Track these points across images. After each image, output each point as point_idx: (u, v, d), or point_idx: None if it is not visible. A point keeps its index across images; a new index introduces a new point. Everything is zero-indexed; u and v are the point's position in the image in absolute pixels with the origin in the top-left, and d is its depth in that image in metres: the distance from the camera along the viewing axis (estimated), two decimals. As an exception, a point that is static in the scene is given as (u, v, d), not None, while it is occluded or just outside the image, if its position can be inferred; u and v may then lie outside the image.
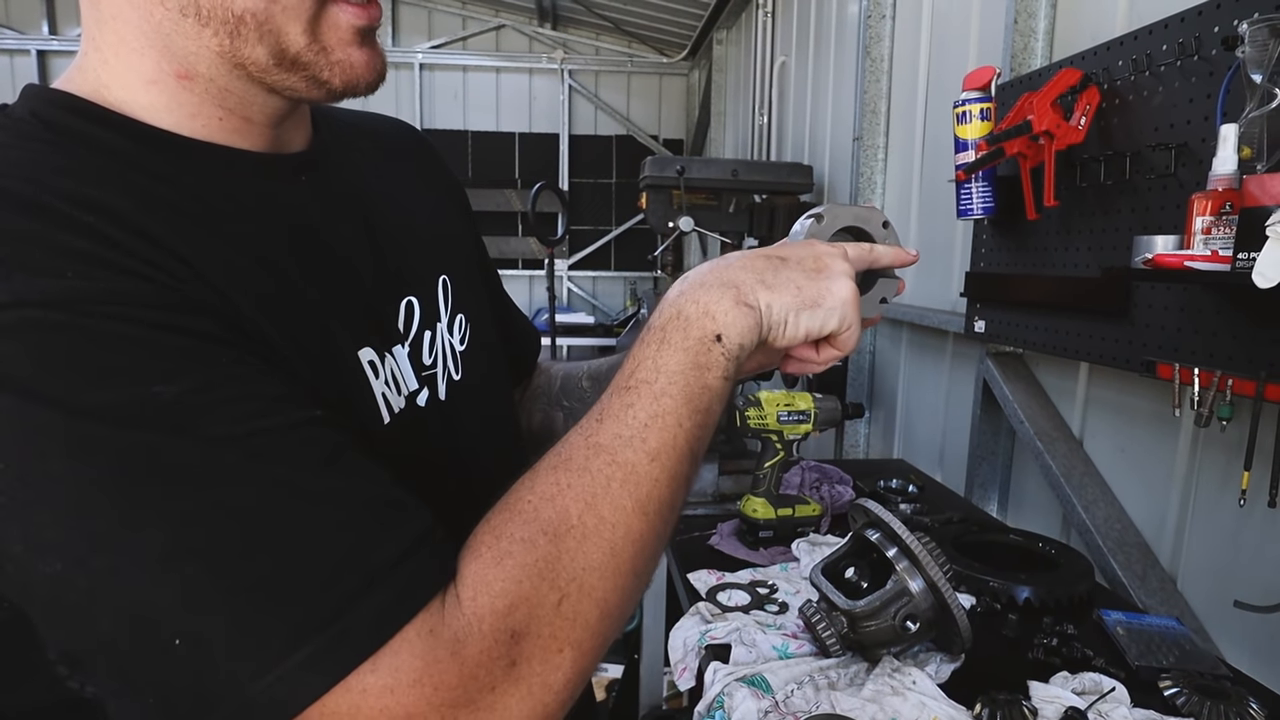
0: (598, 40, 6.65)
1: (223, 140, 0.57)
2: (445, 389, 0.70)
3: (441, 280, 0.73)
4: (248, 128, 0.58)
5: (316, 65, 0.55)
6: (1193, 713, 0.95)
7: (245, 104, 0.57)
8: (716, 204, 3.18)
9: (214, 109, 0.56)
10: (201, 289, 0.48)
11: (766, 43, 4.16)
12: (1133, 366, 1.35)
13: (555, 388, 0.95)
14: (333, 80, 0.56)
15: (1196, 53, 1.22)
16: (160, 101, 0.55)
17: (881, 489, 1.82)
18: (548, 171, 6.53)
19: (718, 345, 0.58)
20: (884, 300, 0.74)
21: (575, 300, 6.80)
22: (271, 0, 0.52)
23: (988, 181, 1.68)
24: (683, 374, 0.56)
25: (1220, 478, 1.31)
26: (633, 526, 0.52)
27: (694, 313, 0.59)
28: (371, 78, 0.58)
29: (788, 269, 0.62)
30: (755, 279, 0.61)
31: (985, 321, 1.82)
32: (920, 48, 2.43)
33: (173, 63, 0.54)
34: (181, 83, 0.54)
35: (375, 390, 0.60)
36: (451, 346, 0.72)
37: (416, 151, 0.83)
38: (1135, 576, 1.41)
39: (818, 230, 0.72)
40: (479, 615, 0.47)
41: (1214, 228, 1.08)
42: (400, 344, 0.65)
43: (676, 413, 0.55)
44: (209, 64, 0.54)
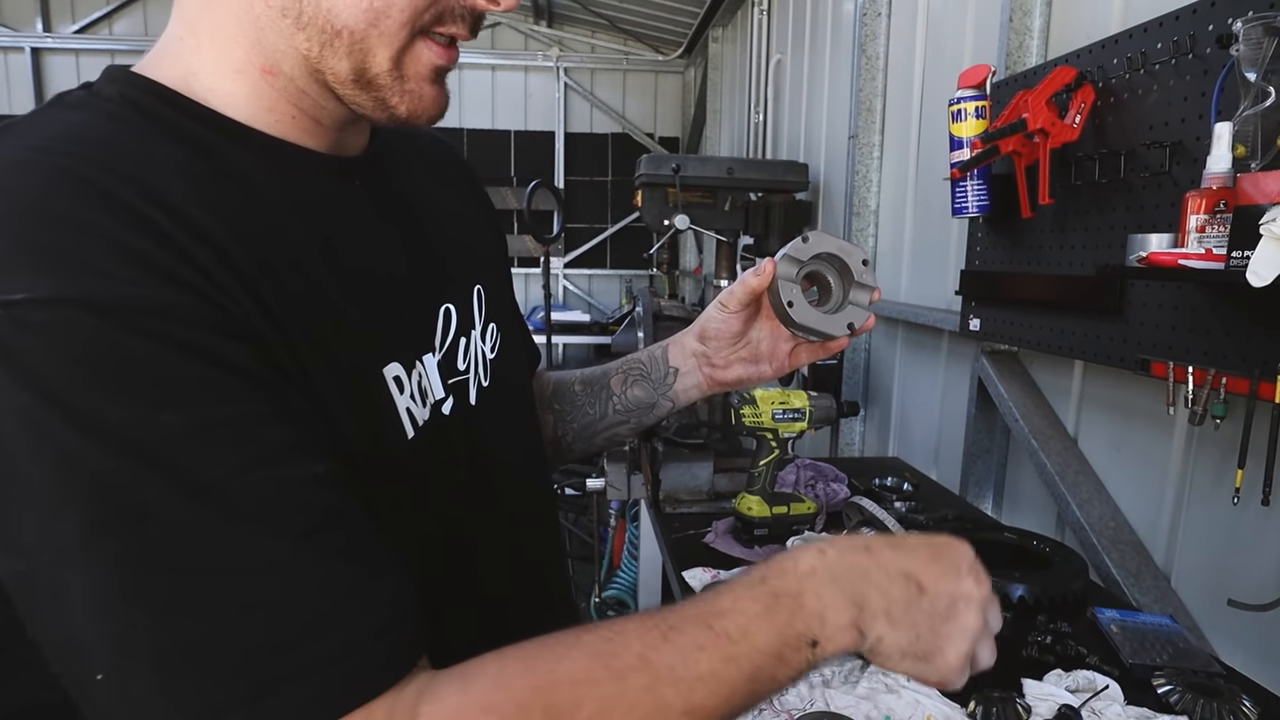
0: (593, 38, 6.64)
1: (293, 137, 0.59)
2: (475, 395, 0.71)
3: (476, 289, 0.75)
4: (316, 129, 0.61)
5: (389, 90, 0.58)
6: (1186, 710, 0.95)
7: (317, 107, 0.59)
8: (712, 202, 3.18)
9: (289, 106, 0.58)
10: (250, 307, 0.48)
11: (762, 40, 4.16)
12: (1127, 365, 1.35)
13: (548, 392, 0.96)
14: (399, 108, 0.59)
15: (1191, 51, 1.22)
16: (242, 91, 0.57)
17: (876, 487, 1.82)
18: (543, 169, 6.52)
19: (808, 650, 0.55)
20: (851, 328, 0.79)
21: (571, 298, 6.80)
22: (371, 24, 0.55)
23: (983, 180, 1.68)
24: (762, 655, 0.53)
25: (1214, 476, 1.31)
26: None
27: (811, 606, 0.55)
28: (435, 113, 0.61)
29: (919, 607, 0.57)
30: (883, 606, 0.57)
31: (980, 320, 1.82)
32: (915, 45, 2.43)
33: (260, 57, 0.56)
34: (264, 77, 0.57)
35: (399, 407, 0.60)
36: (483, 354, 0.74)
37: (456, 164, 0.86)
38: (1129, 574, 1.41)
39: (801, 249, 0.78)
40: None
41: (1208, 226, 1.08)
42: (432, 353, 0.66)
43: (734, 684, 0.52)
44: (292, 64, 0.57)
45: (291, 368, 0.50)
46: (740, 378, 0.87)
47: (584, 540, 3.89)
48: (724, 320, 0.83)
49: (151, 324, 0.43)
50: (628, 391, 0.91)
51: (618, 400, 0.91)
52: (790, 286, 0.78)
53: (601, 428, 0.93)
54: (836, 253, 0.80)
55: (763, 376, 0.86)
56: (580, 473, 3.29)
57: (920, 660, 0.57)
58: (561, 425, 0.94)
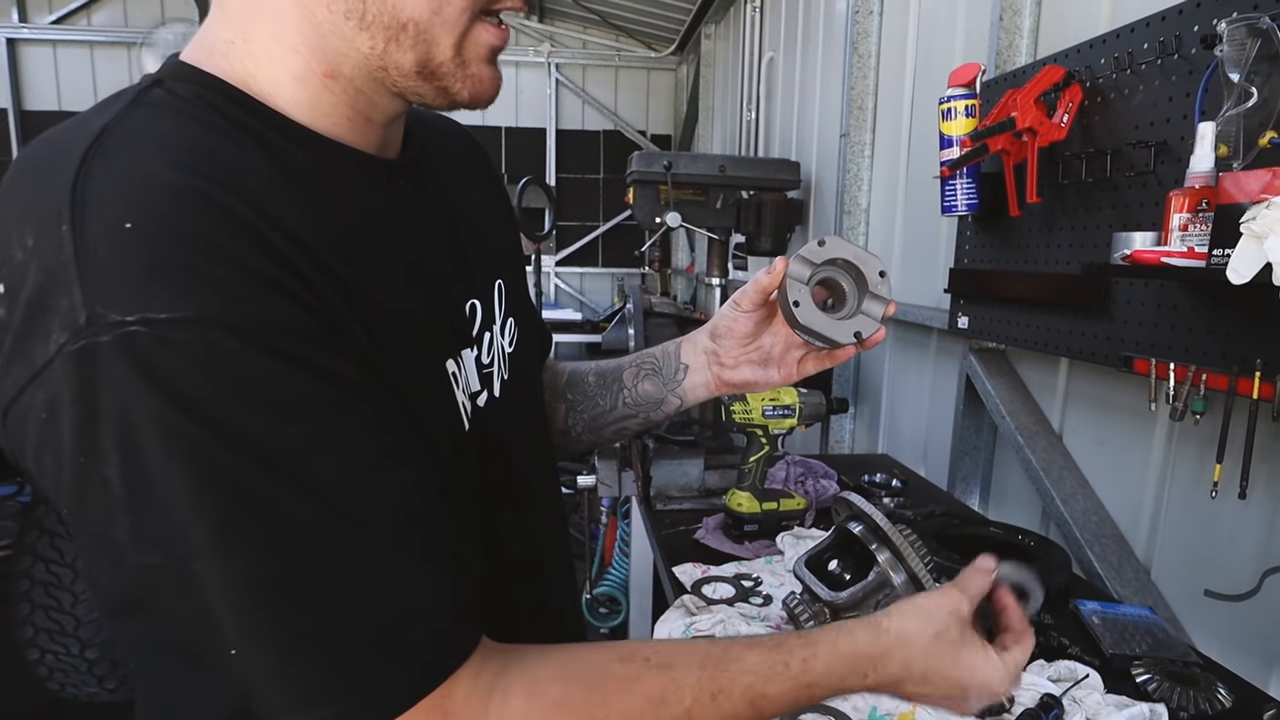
0: (585, 34, 6.63)
1: (347, 138, 0.60)
2: (499, 388, 0.74)
3: (497, 285, 0.76)
4: (368, 127, 0.61)
5: (452, 78, 0.59)
6: (1163, 698, 0.97)
7: (371, 105, 0.60)
8: (704, 200, 3.19)
9: (346, 109, 0.59)
10: (349, 319, 0.51)
11: (755, 38, 4.17)
12: (1111, 362, 1.37)
13: (561, 382, 0.97)
14: (461, 93, 0.60)
15: (1177, 51, 1.24)
16: (304, 98, 0.57)
17: (866, 483, 1.84)
18: (534, 166, 6.50)
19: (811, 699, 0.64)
20: (858, 336, 0.78)
21: (562, 297, 6.80)
22: (434, 13, 0.56)
23: (972, 178, 1.70)
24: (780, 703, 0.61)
25: (1194, 470, 1.33)
26: None
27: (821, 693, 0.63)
28: (493, 93, 0.62)
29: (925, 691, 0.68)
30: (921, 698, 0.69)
31: (969, 318, 1.84)
32: (907, 44, 2.45)
33: (322, 63, 0.57)
34: (326, 82, 0.57)
35: (459, 400, 0.64)
36: (503, 348, 0.76)
37: (473, 152, 0.86)
38: (1111, 567, 1.43)
39: (816, 253, 0.76)
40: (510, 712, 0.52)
41: (1191, 224, 1.10)
42: (470, 347, 0.69)
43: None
44: (353, 66, 0.57)
45: (385, 374, 0.53)
46: (748, 380, 0.86)
47: (575, 537, 3.90)
48: (735, 319, 0.83)
49: (277, 342, 0.46)
50: (639, 385, 0.91)
51: (628, 394, 0.91)
52: (798, 287, 0.76)
53: (610, 420, 0.93)
54: (853, 260, 0.77)
55: (770, 382, 0.86)
56: (571, 470, 3.30)
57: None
58: (572, 415, 0.95)
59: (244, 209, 0.47)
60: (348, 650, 0.48)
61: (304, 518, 0.47)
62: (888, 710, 0.96)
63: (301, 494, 0.47)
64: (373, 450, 0.50)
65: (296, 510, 0.46)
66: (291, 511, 0.46)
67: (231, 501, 0.45)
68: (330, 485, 0.47)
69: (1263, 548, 1.20)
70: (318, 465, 0.47)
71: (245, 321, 0.45)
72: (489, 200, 0.83)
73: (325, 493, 0.47)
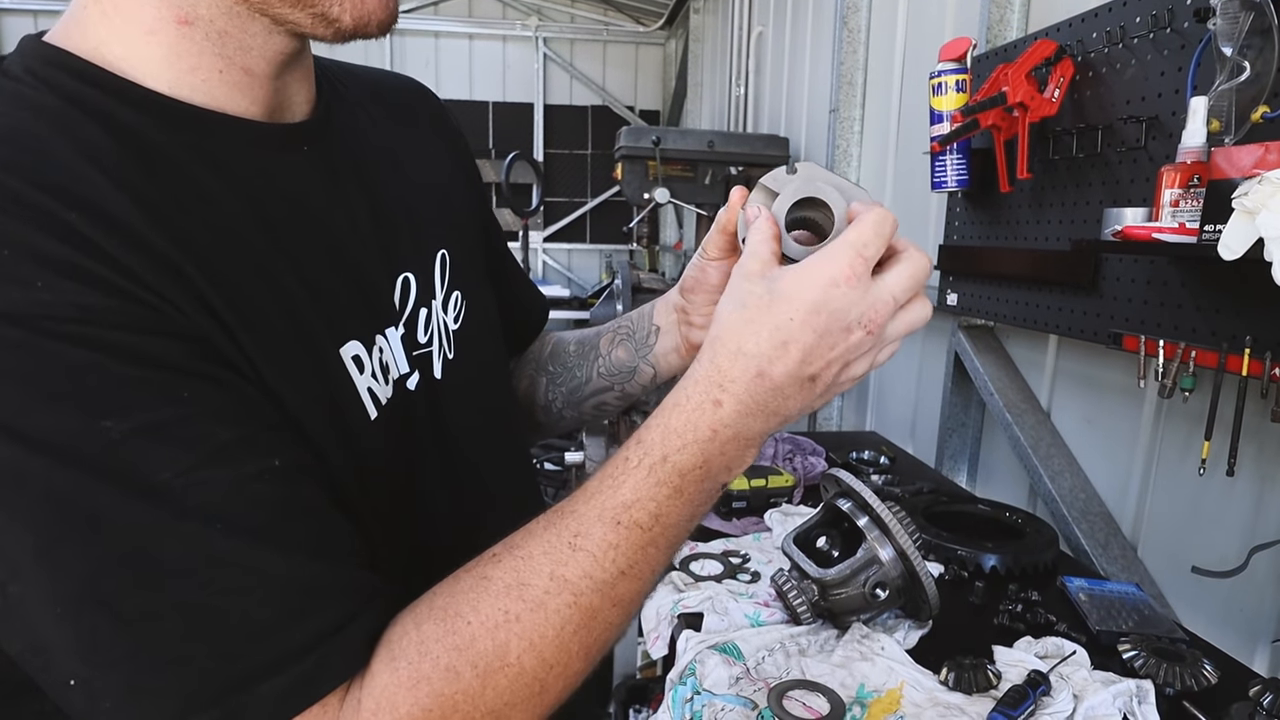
0: (573, 7, 6.54)
1: (224, 100, 0.54)
2: (440, 368, 0.68)
3: (440, 255, 0.71)
4: (248, 81, 0.55)
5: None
6: (1149, 674, 0.98)
7: (245, 49, 0.53)
8: (693, 175, 3.16)
9: (214, 59, 0.53)
10: (182, 301, 0.45)
11: (744, 12, 4.12)
12: (1100, 339, 1.37)
13: (545, 353, 0.92)
14: (343, 16, 0.52)
15: (1169, 25, 1.22)
16: (159, 54, 0.51)
17: (854, 460, 1.84)
18: (522, 142, 6.44)
19: (719, 491, 0.55)
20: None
21: (550, 273, 6.76)
22: None
23: (962, 154, 1.68)
24: (680, 525, 0.52)
25: (1181, 447, 1.34)
26: (571, 667, 0.50)
27: (718, 465, 0.53)
28: (384, 16, 0.55)
29: (813, 392, 0.53)
30: (780, 421, 0.54)
31: (958, 294, 1.83)
32: (897, 18, 2.42)
33: (173, 8, 0.51)
34: (181, 30, 0.51)
35: (360, 387, 0.58)
36: (445, 325, 0.70)
37: (427, 113, 0.80)
38: (1098, 544, 1.44)
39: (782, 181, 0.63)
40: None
41: (1182, 200, 1.09)
42: (394, 325, 0.63)
43: (657, 561, 0.52)
44: (209, 4, 0.51)
45: (237, 359, 0.48)
46: None
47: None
48: (703, 269, 0.72)
49: (80, 330, 0.41)
50: (613, 353, 0.83)
51: (602, 362, 0.84)
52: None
53: (587, 393, 0.86)
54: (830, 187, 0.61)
55: None
56: (559, 447, 3.29)
57: (825, 403, 0.56)
58: (553, 389, 0.89)
59: (36, 194, 0.43)
60: (202, 665, 0.42)
61: (134, 519, 0.42)
62: (875, 687, 0.96)
63: (128, 494, 0.41)
64: (216, 438, 0.44)
65: (126, 512, 0.41)
66: (118, 514, 0.41)
67: (46, 511, 0.40)
68: (164, 478, 0.42)
69: (1249, 525, 1.20)
70: (145, 459, 0.42)
71: (33, 310, 0.40)
72: (442, 165, 0.77)
73: (161, 489, 0.42)
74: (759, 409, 0.52)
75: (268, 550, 0.45)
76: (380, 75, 0.79)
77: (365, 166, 0.66)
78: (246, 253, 0.52)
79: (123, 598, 0.42)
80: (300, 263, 0.55)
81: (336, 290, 0.58)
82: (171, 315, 0.45)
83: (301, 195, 0.58)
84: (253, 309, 0.50)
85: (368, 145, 0.68)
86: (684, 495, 0.52)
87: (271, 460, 0.46)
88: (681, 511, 0.52)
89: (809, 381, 0.52)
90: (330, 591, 0.47)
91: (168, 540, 0.42)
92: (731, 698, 0.94)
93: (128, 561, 0.42)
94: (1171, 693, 0.96)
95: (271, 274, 0.53)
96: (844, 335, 0.51)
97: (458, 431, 0.69)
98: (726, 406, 0.52)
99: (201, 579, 0.43)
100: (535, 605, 0.49)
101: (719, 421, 0.52)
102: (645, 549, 0.51)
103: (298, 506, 0.47)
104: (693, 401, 0.52)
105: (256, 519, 0.45)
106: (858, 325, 0.52)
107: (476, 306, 0.75)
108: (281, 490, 0.47)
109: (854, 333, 0.52)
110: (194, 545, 0.43)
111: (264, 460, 0.46)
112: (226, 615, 0.43)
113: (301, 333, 0.54)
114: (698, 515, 0.54)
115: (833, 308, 0.51)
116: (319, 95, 0.64)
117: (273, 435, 0.48)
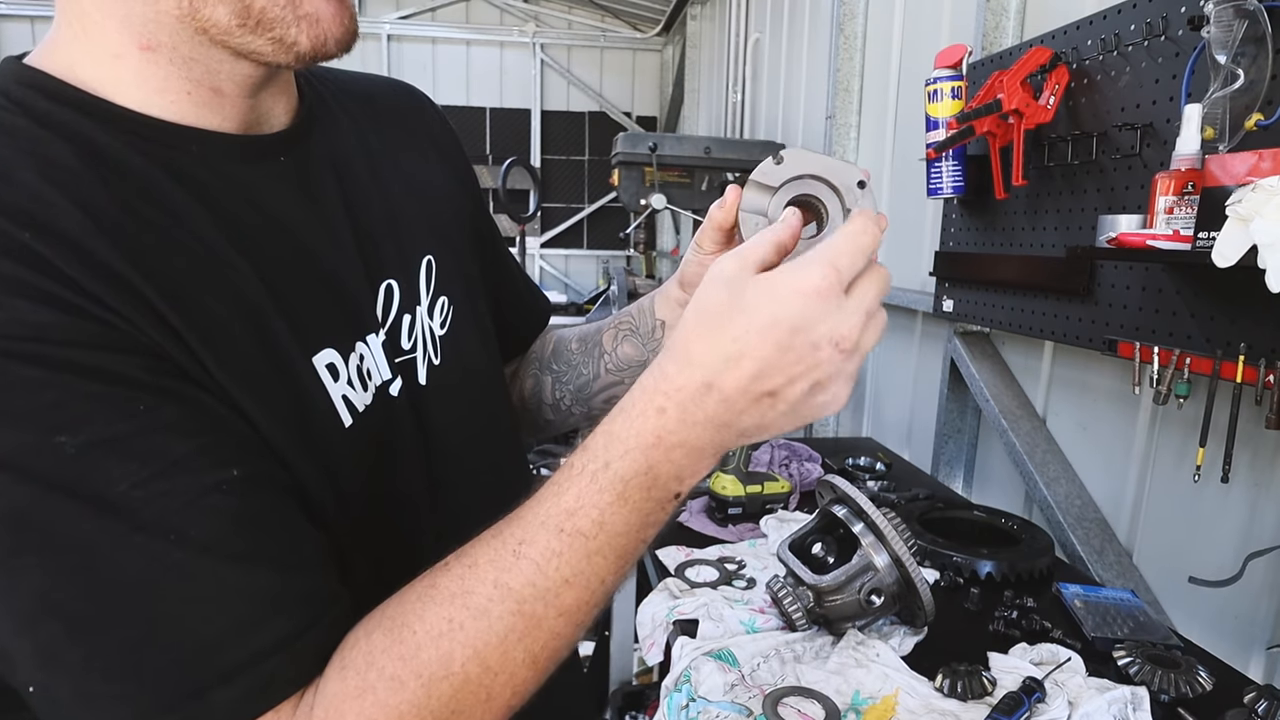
0: (570, 14, 6.55)
1: (193, 118, 0.54)
2: (425, 374, 0.68)
3: (425, 261, 0.70)
4: (218, 100, 0.55)
5: (283, 22, 0.51)
6: (1144, 681, 0.98)
7: (212, 73, 0.54)
8: (689, 182, 3.17)
9: (180, 81, 0.53)
10: (138, 318, 0.46)
11: (741, 18, 4.13)
12: (1095, 345, 1.37)
13: (547, 352, 0.92)
14: (300, 40, 0.52)
15: (1164, 33, 1.23)
16: (126, 77, 0.52)
17: (850, 467, 1.84)
18: (519, 147, 6.44)
19: (672, 503, 0.52)
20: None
21: (547, 279, 6.76)
22: None
23: (958, 160, 1.69)
24: (627, 535, 0.50)
25: (1176, 454, 1.34)
26: (518, 676, 0.50)
27: (665, 473, 0.50)
28: (340, 34, 0.54)
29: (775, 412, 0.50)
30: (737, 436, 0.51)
31: (953, 301, 1.84)
32: (894, 25, 2.43)
33: (134, 35, 0.51)
34: (145, 55, 0.52)
35: (334, 395, 0.57)
36: (431, 330, 0.70)
37: (415, 117, 0.79)
38: (1093, 551, 1.44)
39: (773, 173, 0.60)
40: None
41: (1177, 207, 1.10)
42: (375, 332, 0.63)
43: (604, 572, 0.50)
44: (170, 32, 0.51)
45: (197, 373, 0.48)
46: None
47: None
48: (700, 263, 0.70)
49: (33, 347, 0.42)
50: (618, 349, 0.83)
51: (609, 358, 0.83)
52: (756, 220, 0.61)
53: (596, 389, 0.85)
54: (822, 174, 0.60)
55: None
56: (555, 453, 3.28)
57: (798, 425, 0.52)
58: (559, 388, 0.88)
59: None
60: (155, 674, 0.43)
61: (89, 532, 0.42)
62: (870, 694, 0.96)
63: (83, 508, 0.42)
64: (171, 451, 0.45)
65: (81, 526, 0.42)
66: (73, 527, 0.42)
67: (2, 523, 0.41)
68: (118, 492, 0.43)
69: (1244, 531, 1.20)
70: (102, 473, 0.43)
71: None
72: (432, 170, 0.77)
73: (117, 503, 0.43)
74: (706, 420, 0.49)
75: (222, 561, 0.45)
76: (372, 81, 0.78)
77: (346, 174, 0.66)
78: (210, 266, 0.51)
79: (76, 608, 0.42)
80: (271, 275, 0.55)
81: (310, 299, 0.58)
82: (127, 331, 0.45)
83: (274, 205, 0.58)
84: (212, 322, 0.50)
85: (350, 152, 0.67)
86: (629, 503, 0.50)
87: (230, 471, 0.47)
88: (628, 520, 0.50)
89: (767, 397, 0.49)
90: (286, 601, 0.47)
91: (122, 552, 0.43)
92: (727, 705, 0.94)
93: (81, 572, 0.42)
94: (1166, 699, 0.96)
95: (239, 288, 0.52)
96: (810, 351, 0.48)
97: (444, 436, 0.68)
98: (670, 414, 0.50)
99: (155, 590, 0.43)
100: (478, 613, 0.48)
101: (662, 429, 0.50)
102: (590, 557, 0.50)
103: (256, 517, 0.48)
104: (637, 408, 0.51)
105: (213, 530, 0.45)
106: (827, 342, 0.48)
107: (465, 311, 0.75)
108: (239, 501, 0.47)
109: (822, 349, 0.48)
110: (148, 556, 0.43)
111: (222, 471, 0.46)
112: (180, 624, 0.44)
113: (266, 344, 0.53)
114: (650, 525, 0.51)
115: (796, 323, 0.47)
116: (302, 103, 0.64)
117: (232, 446, 0.48)
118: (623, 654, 2.44)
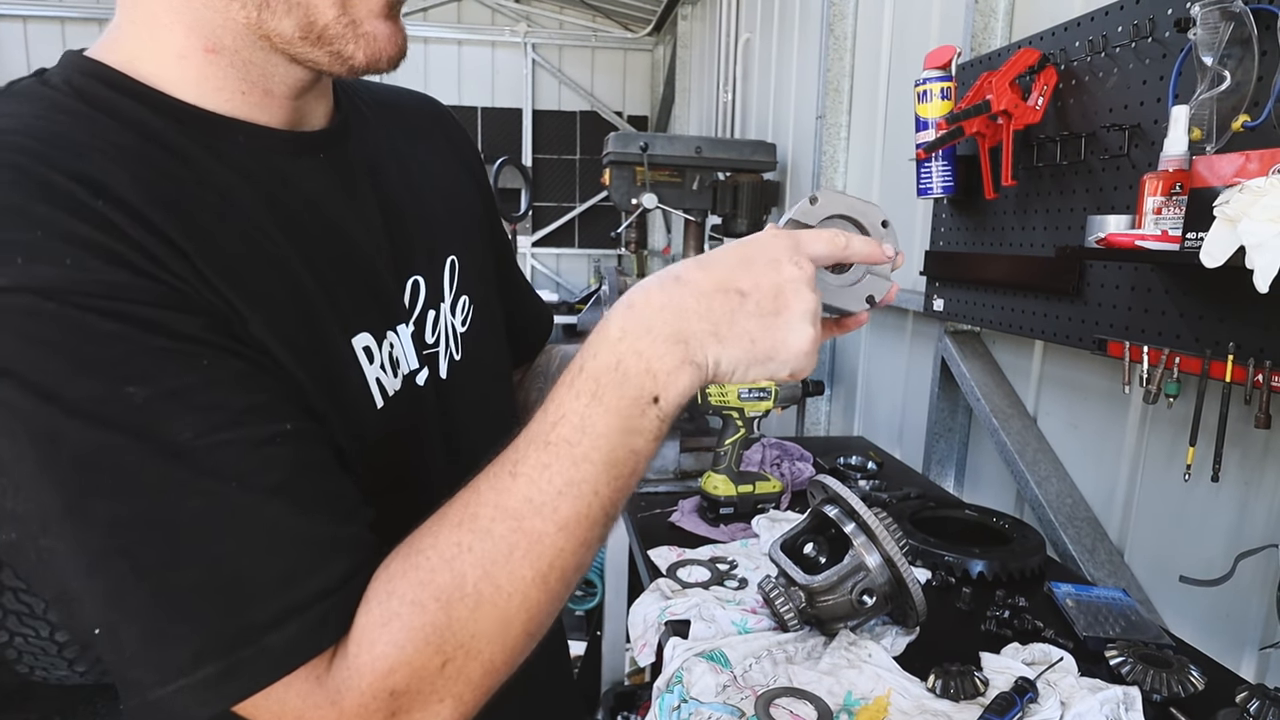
0: (561, 14, 6.54)
1: (244, 114, 0.58)
2: (446, 368, 0.71)
3: (450, 261, 0.74)
4: (268, 100, 0.59)
5: (343, 39, 0.56)
6: (1136, 680, 0.98)
7: (267, 76, 0.58)
8: (680, 181, 3.17)
9: (237, 82, 0.57)
10: (196, 284, 0.49)
11: (731, 18, 4.13)
12: (1085, 345, 1.37)
13: (554, 366, 0.94)
14: (356, 55, 0.57)
15: (1151, 34, 1.23)
16: (189, 75, 0.56)
17: (841, 466, 1.84)
18: (510, 147, 6.43)
19: (653, 408, 0.53)
20: (870, 301, 0.67)
21: (539, 278, 6.75)
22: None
23: (947, 161, 1.69)
24: (609, 438, 0.52)
25: (1166, 453, 1.35)
26: (529, 596, 0.51)
27: (634, 368, 0.52)
28: (394, 53, 0.59)
29: (744, 312, 0.55)
30: (708, 329, 0.54)
31: (944, 300, 1.84)
32: (883, 26, 2.43)
33: (200, 37, 0.55)
34: (208, 57, 0.56)
35: (369, 376, 0.61)
36: (453, 327, 0.73)
37: (439, 126, 0.83)
38: (1085, 550, 1.44)
39: (809, 213, 0.66)
40: (360, 671, 0.48)
41: (1165, 208, 1.10)
42: (405, 322, 0.66)
43: (595, 480, 0.52)
44: (235, 36, 0.55)
45: (248, 336, 0.51)
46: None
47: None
48: None
49: (107, 303, 0.45)
50: None
51: None
52: None
53: None
54: (849, 213, 0.67)
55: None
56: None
57: (766, 362, 0.56)
58: None
59: (69, 184, 0.46)
60: (217, 614, 0.46)
61: (156, 477, 0.45)
62: (862, 695, 0.96)
63: (151, 453, 0.45)
64: (231, 404, 0.48)
65: (149, 470, 0.45)
66: (142, 472, 0.45)
67: (75, 469, 0.44)
68: (184, 440, 0.45)
69: (1235, 530, 1.21)
70: (168, 423, 0.45)
71: (63, 285, 0.44)
72: (455, 176, 0.81)
73: (182, 450, 0.45)
74: (672, 305, 0.54)
75: (281, 507, 0.48)
76: (398, 91, 0.82)
77: (379, 174, 0.69)
78: (261, 245, 0.55)
79: (144, 549, 0.45)
80: (314, 258, 0.58)
81: (349, 285, 0.61)
82: (188, 293, 0.48)
83: (317, 197, 0.61)
84: (263, 296, 0.53)
85: (382, 154, 0.71)
86: (603, 403, 0.52)
87: (284, 424, 0.50)
88: (608, 422, 0.52)
89: (736, 294, 0.54)
90: (338, 548, 0.50)
91: (187, 496, 0.45)
92: (719, 706, 0.94)
93: (149, 515, 0.45)
94: (1158, 699, 0.97)
95: (285, 266, 0.56)
96: (772, 266, 0.55)
97: (462, 428, 0.72)
98: (636, 308, 0.54)
99: (218, 533, 0.46)
100: (483, 534, 0.51)
101: (626, 320, 0.54)
102: (578, 464, 0.52)
103: (309, 467, 0.50)
104: (610, 314, 0.56)
105: (271, 478, 0.48)
106: (788, 261, 0.56)
107: (483, 312, 0.78)
108: (294, 452, 0.50)
109: (784, 266, 0.55)
110: (212, 501, 0.46)
111: (277, 424, 0.49)
112: (240, 567, 0.46)
113: (311, 320, 0.56)
114: (633, 431, 0.53)
115: (763, 244, 0.57)
116: (337, 107, 0.68)
117: (284, 402, 0.51)
118: (614, 654, 2.44)
